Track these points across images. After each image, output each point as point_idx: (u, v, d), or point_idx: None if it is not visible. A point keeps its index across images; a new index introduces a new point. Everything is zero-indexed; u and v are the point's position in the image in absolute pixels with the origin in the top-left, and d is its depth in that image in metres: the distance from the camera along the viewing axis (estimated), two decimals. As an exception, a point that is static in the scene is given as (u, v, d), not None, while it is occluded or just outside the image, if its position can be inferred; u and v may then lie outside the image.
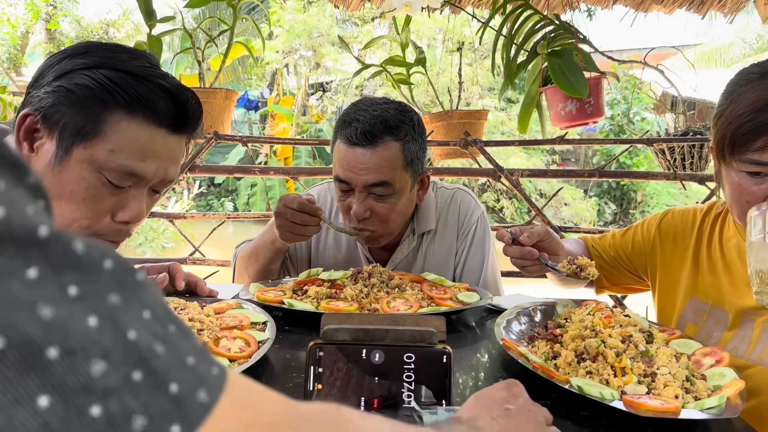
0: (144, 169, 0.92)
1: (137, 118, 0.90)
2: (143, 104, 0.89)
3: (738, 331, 1.16)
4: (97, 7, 21.41)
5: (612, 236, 1.48)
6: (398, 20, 2.74)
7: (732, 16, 2.93)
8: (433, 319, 0.82)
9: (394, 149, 1.42)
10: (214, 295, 1.26)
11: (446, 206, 1.64)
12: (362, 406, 0.75)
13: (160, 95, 0.91)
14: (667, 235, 1.34)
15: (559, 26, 2.39)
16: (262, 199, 11.54)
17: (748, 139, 1.02)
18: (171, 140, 0.95)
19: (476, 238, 1.61)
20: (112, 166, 0.89)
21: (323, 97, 13.46)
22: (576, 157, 13.23)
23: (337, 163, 1.46)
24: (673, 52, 7.52)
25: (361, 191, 1.43)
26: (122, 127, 0.89)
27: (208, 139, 2.50)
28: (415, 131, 1.47)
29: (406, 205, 1.51)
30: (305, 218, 1.38)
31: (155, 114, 0.91)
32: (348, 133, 1.41)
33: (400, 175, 1.44)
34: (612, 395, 0.81)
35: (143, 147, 0.91)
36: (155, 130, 0.92)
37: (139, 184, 0.94)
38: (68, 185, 0.89)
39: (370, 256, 1.64)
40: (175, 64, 10.66)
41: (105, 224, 0.94)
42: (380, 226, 1.48)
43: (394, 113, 1.44)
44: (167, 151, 0.95)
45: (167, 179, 0.98)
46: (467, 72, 10.75)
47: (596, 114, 2.31)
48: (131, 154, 0.90)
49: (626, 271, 1.43)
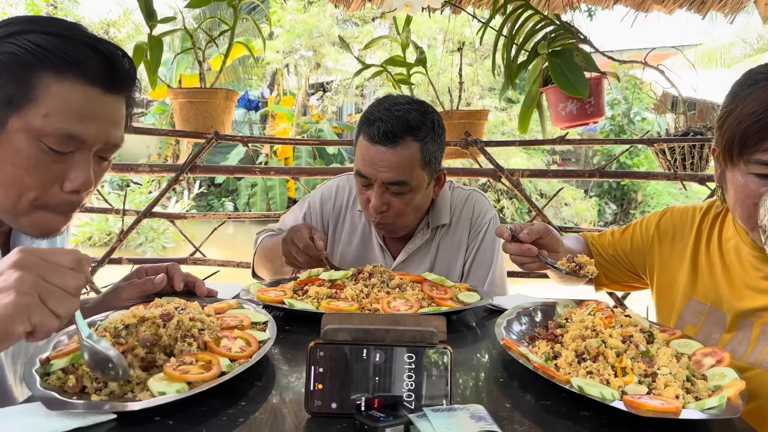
0: (83, 131, 0.90)
1: (68, 79, 0.87)
2: (72, 64, 0.87)
3: (737, 333, 1.15)
4: (98, 7, 21.44)
5: (611, 234, 1.48)
6: (399, 20, 2.74)
7: (732, 16, 2.93)
8: (434, 319, 0.82)
9: (413, 149, 1.48)
10: (213, 295, 1.26)
11: (461, 204, 1.71)
12: (363, 405, 0.75)
13: (88, 54, 0.89)
14: (666, 234, 1.34)
15: (560, 26, 2.39)
16: (262, 199, 11.55)
17: (760, 137, 1.01)
18: (107, 100, 0.93)
19: (487, 237, 1.67)
20: (50, 131, 0.87)
21: (323, 97, 13.47)
22: (576, 158, 13.23)
23: (359, 158, 1.53)
24: (673, 52, 7.51)
25: (380, 186, 1.51)
26: (53, 90, 0.87)
27: (209, 139, 2.50)
28: (434, 131, 1.54)
29: (421, 200, 1.58)
30: (307, 259, 1.46)
31: (86, 73, 0.89)
32: (371, 131, 1.48)
33: (418, 174, 1.51)
34: (612, 395, 0.81)
35: (79, 108, 0.89)
36: (88, 90, 0.90)
37: (82, 149, 0.92)
38: (10, 158, 0.88)
39: (384, 245, 1.71)
40: (176, 65, 10.69)
41: (54, 195, 0.92)
42: (396, 219, 1.57)
43: (416, 114, 1.50)
44: (105, 112, 0.93)
45: (111, 143, 0.96)
46: (468, 72, 10.76)
47: (597, 114, 2.31)
48: (67, 117, 0.88)
49: (625, 269, 1.43)
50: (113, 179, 11.38)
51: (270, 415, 0.79)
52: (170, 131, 2.69)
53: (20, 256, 0.72)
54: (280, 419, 0.78)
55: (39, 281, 0.71)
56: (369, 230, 1.72)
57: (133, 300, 1.16)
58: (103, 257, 2.63)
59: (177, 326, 0.92)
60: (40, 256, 0.74)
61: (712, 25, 11.85)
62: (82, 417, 0.73)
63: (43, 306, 0.71)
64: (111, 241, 8.83)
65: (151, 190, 10.15)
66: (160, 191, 2.74)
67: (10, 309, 0.69)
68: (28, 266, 0.72)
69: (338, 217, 1.76)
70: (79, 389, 0.81)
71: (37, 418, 0.72)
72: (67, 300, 0.73)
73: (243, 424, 0.75)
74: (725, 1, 2.80)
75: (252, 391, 0.85)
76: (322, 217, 1.76)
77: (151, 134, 3.11)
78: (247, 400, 0.82)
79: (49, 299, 0.71)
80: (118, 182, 11.33)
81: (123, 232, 2.63)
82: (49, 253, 0.75)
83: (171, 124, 11.19)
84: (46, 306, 0.71)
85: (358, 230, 1.74)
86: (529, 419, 0.80)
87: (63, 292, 0.73)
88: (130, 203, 9.16)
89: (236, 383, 0.85)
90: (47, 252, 0.75)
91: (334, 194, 1.78)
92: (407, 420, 0.71)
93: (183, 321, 0.93)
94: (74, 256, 0.76)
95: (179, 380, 0.80)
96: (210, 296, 1.25)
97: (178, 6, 2.76)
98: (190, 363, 0.85)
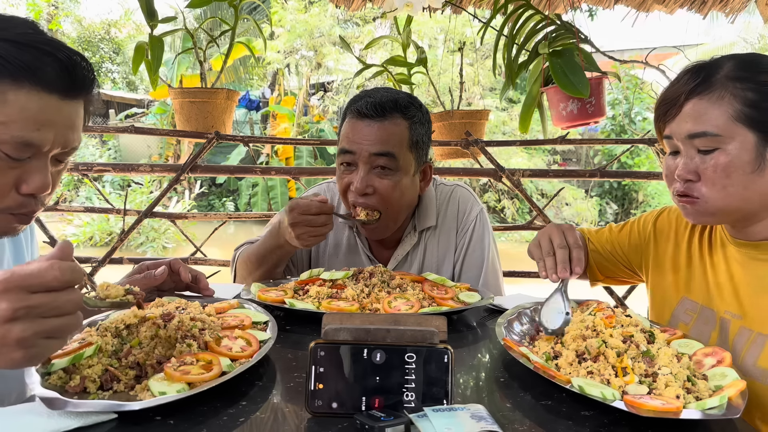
0: (40, 139, 0.89)
1: (24, 87, 0.86)
2: (28, 72, 0.86)
3: (720, 333, 1.16)
4: (99, 7, 21.46)
5: (609, 230, 1.48)
6: (399, 20, 2.74)
7: (733, 16, 2.92)
8: (434, 319, 0.82)
9: (402, 126, 1.46)
10: (210, 294, 1.26)
11: (445, 202, 1.65)
12: (363, 405, 0.75)
13: (45, 61, 0.88)
14: (662, 232, 1.35)
15: (561, 26, 2.39)
16: (263, 199, 11.56)
17: (661, 112, 1.15)
18: (66, 106, 0.92)
19: (475, 234, 1.61)
20: (5, 138, 0.86)
21: (324, 97, 13.47)
22: (577, 157, 13.21)
23: (343, 137, 1.49)
24: (674, 52, 7.50)
25: (365, 163, 1.45)
26: (10, 98, 0.86)
27: (210, 139, 2.50)
28: (422, 115, 1.52)
29: (408, 188, 1.51)
30: (325, 219, 1.40)
31: (43, 81, 0.87)
32: (359, 105, 1.46)
33: (405, 154, 1.47)
34: (613, 395, 0.81)
35: (35, 116, 0.88)
36: (45, 98, 0.88)
37: (39, 155, 0.91)
38: None
39: (371, 254, 1.64)
40: (177, 65, 10.69)
41: (12, 199, 0.92)
42: (381, 204, 1.47)
43: (405, 96, 1.50)
44: (63, 119, 0.92)
45: (68, 146, 0.95)
46: (468, 72, 10.75)
47: (597, 114, 2.31)
48: (24, 125, 0.87)
49: (622, 265, 1.44)
50: (114, 179, 11.40)
51: (271, 415, 0.79)
52: (171, 131, 2.69)
53: (5, 301, 0.68)
54: (281, 419, 0.78)
55: (39, 327, 0.69)
56: (354, 241, 1.65)
57: None
58: (104, 257, 2.63)
59: (178, 326, 0.92)
60: (23, 286, 0.68)
61: (713, 25, 11.84)
62: (83, 416, 0.73)
63: (50, 341, 0.71)
64: (112, 241, 8.82)
65: (152, 190, 10.16)
66: (161, 191, 2.74)
67: (21, 362, 0.70)
68: (21, 315, 0.68)
69: None
70: (80, 389, 0.81)
71: (38, 418, 0.73)
72: (70, 323, 0.72)
73: (244, 424, 0.75)
74: (726, 0, 2.80)
75: (253, 390, 0.85)
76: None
77: (152, 134, 3.10)
78: (248, 399, 0.82)
79: (53, 335, 0.71)
80: (119, 182, 11.34)
81: (124, 232, 2.63)
82: (32, 278, 0.69)
83: (172, 124, 11.20)
84: (52, 339, 0.71)
85: (343, 241, 1.66)
86: (530, 419, 0.80)
87: (64, 322, 0.71)
88: (131, 203, 9.17)
89: (237, 383, 0.86)
90: (28, 278, 0.69)
91: None
92: (408, 420, 0.71)
93: (184, 321, 0.93)
94: (55, 273, 0.70)
95: (180, 380, 0.80)
96: (208, 295, 1.26)
97: (179, 6, 2.77)
98: (191, 363, 0.85)
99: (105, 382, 0.82)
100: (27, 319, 0.68)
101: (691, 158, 1.08)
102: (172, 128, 2.82)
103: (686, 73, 1.12)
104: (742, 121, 1.03)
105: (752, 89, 1.03)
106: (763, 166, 1.04)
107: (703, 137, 1.05)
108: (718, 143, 1.04)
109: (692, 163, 1.08)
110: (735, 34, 12.63)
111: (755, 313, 1.10)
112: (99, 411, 0.74)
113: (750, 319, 1.10)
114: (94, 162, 3.53)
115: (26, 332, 0.68)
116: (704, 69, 1.10)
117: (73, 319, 0.73)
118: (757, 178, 1.04)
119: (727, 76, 1.06)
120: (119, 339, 0.91)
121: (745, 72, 1.05)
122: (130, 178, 10.98)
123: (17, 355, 0.69)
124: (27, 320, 0.68)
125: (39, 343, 0.69)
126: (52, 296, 0.70)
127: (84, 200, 10.77)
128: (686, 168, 1.08)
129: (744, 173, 1.04)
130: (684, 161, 1.09)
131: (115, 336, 0.91)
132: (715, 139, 1.04)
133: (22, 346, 0.68)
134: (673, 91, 1.12)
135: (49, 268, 0.70)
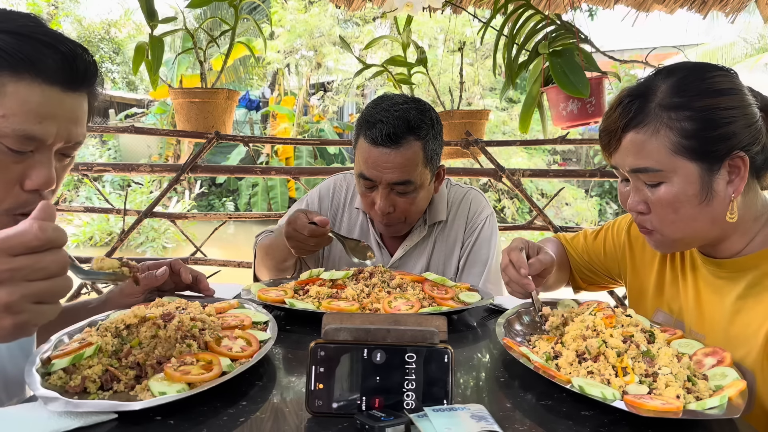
0: (42, 132, 0.88)
1: (25, 79, 0.85)
2: (28, 63, 0.85)
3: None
4: (99, 7, 21.48)
5: (584, 237, 1.47)
6: (399, 20, 2.74)
7: (733, 15, 2.92)
8: (435, 319, 0.82)
9: (416, 148, 1.49)
10: (211, 294, 1.26)
11: (458, 202, 1.72)
12: (363, 405, 0.75)
13: (45, 53, 0.87)
14: (637, 240, 1.32)
15: (561, 26, 2.39)
16: (263, 199, 11.55)
17: (602, 141, 1.10)
18: (68, 99, 0.91)
19: (483, 233, 1.68)
20: (7, 132, 0.85)
21: (324, 97, 13.47)
22: (577, 157, 13.21)
23: (361, 161, 1.53)
24: (674, 51, 7.51)
25: (384, 188, 1.52)
26: (10, 91, 0.85)
27: (210, 139, 2.50)
28: (434, 129, 1.55)
29: (424, 197, 1.60)
30: (317, 241, 1.45)
31: (44, 73, 0.87)
32: (372, 134, 1.48)
33: (421, 172, 1.52)
34: (613, 395, 0.81)
35: (37, 108, 0.87)
36: (47, 90, 0.87)
37: (42, 149, 0.90)
38: None
39: (381, 242, 1.72)
40: (177, 65, 10.69)
41: (15, 195, 0.90)
42: (402, 216, 1.58)
43: (415, 113, 1.51)
44: (65, 111, 0.91)
45: (72, 141, 0.94)
46: (468, 72, 10.75)
47: (597, 114, 2.31)
48: (25, 118, 0.86)
49: (602, 274, 1.44)
50: (114, 179, 11.40)
51: (271, 415, 0.79)
52: (171, 131, 2.69)
53: None
54: (281, 419, 0.78)
55: (25, 290, 0.66)
56: (367, 227, 1.73)
57: (137, 295, 1.16)
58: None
59: (178, 326, 0.92)
60: (3, 249, 0.65)
61: (713, 25, 11.84)
62: (83, 416, 0.73)
63: (40, 306, 0.68)
64: (112, 241, 8.83)
65: (152, 190, 10.16)
66: (161, 191, 2.75)
67: (12, 330, 0.67)
68: (5, 278, 0.65)
69: (336, 214, 1.78)
70: (80, 389, 0.81)
71: (38, 418, 0.72)
72: (59, 285, 0.69)
73: (244, 424, 0.75)
74: (726, 0, 2.80)
75: (253, 390, 0.85)
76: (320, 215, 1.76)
77: (152, 134, 3.11)
78: (248, 399, 0.82)
79: (42, 299, 0.68)
80: (119, 182, 11.34)
81: (124, 231, 2.63)
82: (11, 240, 0.66)
83: (172, 124, 11.20)
84: (42, 305, 0.68)
85: (356, 227, 1.75)
86: (530, 419, 0.80)
87: (51, 284, 0.69)
88: (131, 203, 9.17)
89: (237, 383, 0.85)
90: (7, 240, 0.66)
91: (332, 192, 1.80)
92: (408, 420, 0.71)
93: (184, 321, 0.93)
94: (35, 232, 0.67)
95: (180, 380, 0.80)
96: (208, 295, 1.26)
97: (179, 6, 2.77)
98: (191, 363, 0.85)
99: (105, 382, 0.82)
100: (11, 282, 0.66)
101: (639, 190, 1.05)
102: (172, 128, 2.83)
103: (620, 104, 1.05)
104: (682, 153, 0.98)
105: (688, 118, 0.97)
106: (710, 197, 0.99)
107: (646, 173, 1.01)
108: (661, 177, 1.00)
109: (641, 194, 1.05)
110: (735, 34, 12.64)
111: (713, 337, 1.07)
112: (99, 411, 0.74)
113: (711, 341, 1.07)
114: (94, 162, 3.53)
115: (13, 296, 0.65)
116: (638, 98, 1.02)
117: (61, 281, 0.70)
118: (705, 208, 1.00)
119: (660, 104, 0.99)
120: (119, 339, 0.91)
121: (679, 97, 0.99)
122: (130, 178, 10.98)
123: (6, 322, 0.66)
124: (11, 284, 0.65)
125: (28, 308, 0.67)
126: (35, 257, 0.67)
127: (84, 200, 10.77)
128: (635, 201, 1.06)
129: (692, 206, 1.00)
130: (632, 194, 1.07)
131: (115, 336, 0.91)
132: (658, 174, 1.00)
133: (10, 312, 0.66)
134: (610, 123, 1.06)
135: (28, 228, 0.67)
